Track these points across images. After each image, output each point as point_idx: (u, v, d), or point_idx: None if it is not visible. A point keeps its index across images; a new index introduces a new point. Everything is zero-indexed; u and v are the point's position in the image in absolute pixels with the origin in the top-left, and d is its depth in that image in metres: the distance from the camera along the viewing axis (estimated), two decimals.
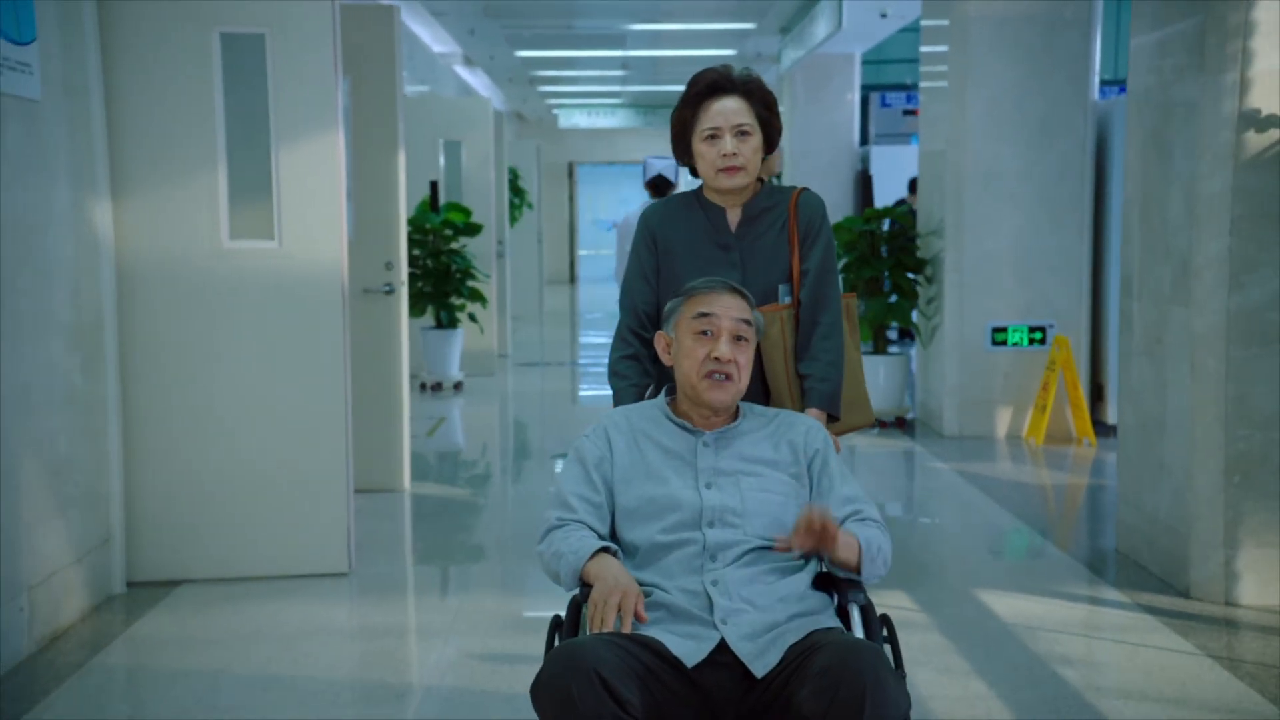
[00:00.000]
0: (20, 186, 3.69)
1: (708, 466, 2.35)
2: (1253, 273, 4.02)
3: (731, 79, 2.70)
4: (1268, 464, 4.06)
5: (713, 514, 2.29)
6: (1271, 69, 3.93)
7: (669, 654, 2.08)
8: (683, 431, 2.41)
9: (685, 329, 2.42)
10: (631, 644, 2.05)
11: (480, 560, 5.03)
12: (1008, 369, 7.22)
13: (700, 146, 2.70)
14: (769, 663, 2.09)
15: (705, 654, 2.09)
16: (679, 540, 2.27)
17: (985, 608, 4.17)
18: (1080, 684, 3.46)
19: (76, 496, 4.06)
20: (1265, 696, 3.33)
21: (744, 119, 2.67)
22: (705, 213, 2.76)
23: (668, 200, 2.84)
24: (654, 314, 2.74)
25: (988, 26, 7.08)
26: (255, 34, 4.38)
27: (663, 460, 2.37)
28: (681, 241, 2.73)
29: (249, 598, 4.28)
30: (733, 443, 2.39)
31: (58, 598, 3.90)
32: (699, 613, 2.16)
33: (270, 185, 4.43)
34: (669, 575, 2.24)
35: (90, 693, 3.51)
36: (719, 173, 2.68)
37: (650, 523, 2.30)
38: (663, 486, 2.33)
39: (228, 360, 4.43)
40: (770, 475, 2.36)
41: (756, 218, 2.74)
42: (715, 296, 2.41)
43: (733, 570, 2.23)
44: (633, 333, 2.76)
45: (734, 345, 2.38)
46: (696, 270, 2.64)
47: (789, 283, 2.73)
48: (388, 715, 3.38)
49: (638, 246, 2.80)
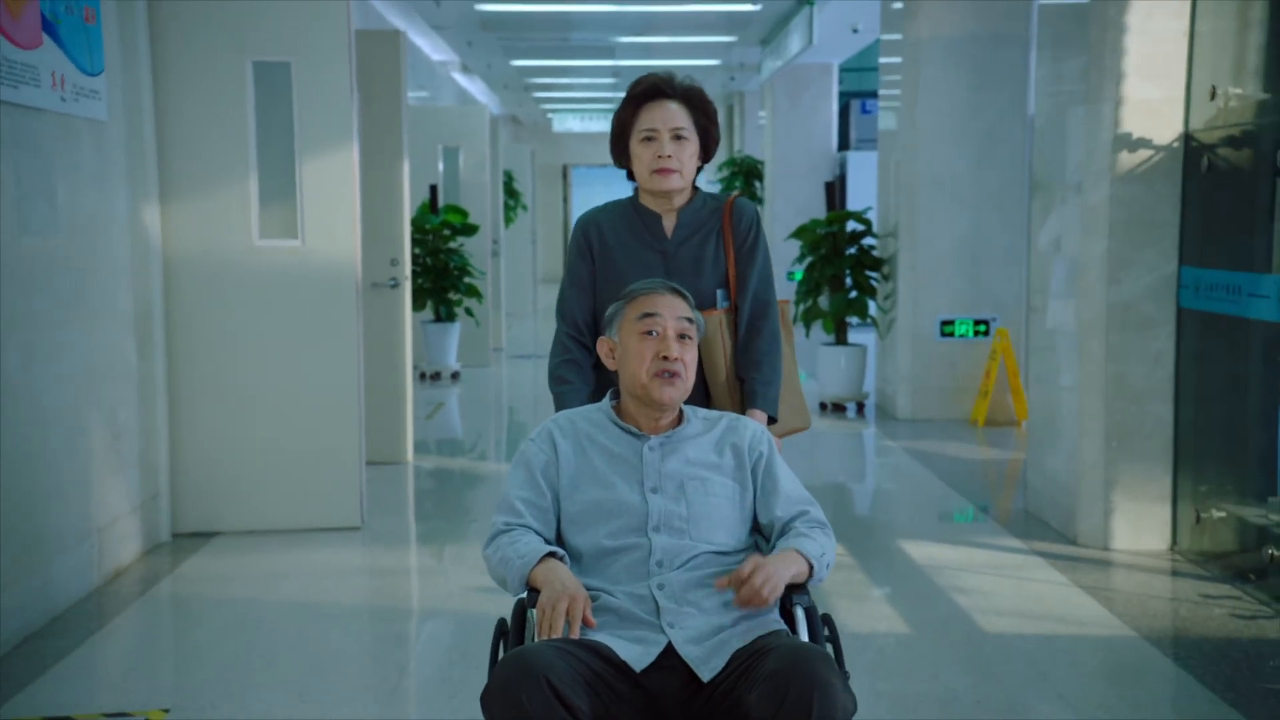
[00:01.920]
0: (91, 195, 4.41)
1: (653, 471, 2.35)
2: (1128, 270, 4.75)
3: (672, 84, 2.72)
4: (1140, 432, 4.79)
5: (659, 519, 2.29)
6: (1140, 100, 4.66)
7: (616, 658, 2.09)
8: (628, 436, 2.40)
9: (630, 330, 2.42)
10: (580, 650, 2.05)
11: (472, 519, 5.75)
12: (955, 358, 7.95)
13: (637, 148, 2.71)
14: (715, 666, 2.10)
15: (653, 658, 2.11)
16: (625, 545, 2.28)
17: (904, 553, 4.91)
18: (969, 606, 4.20)
19: (132, 458, 4.78)
20: (1113, 613, 4.08)
21: (682, 123, 2.69)
22: (641, 218, 2.78)
23: (604, 206, 2.85)
24: (591, 321, 2.76)
25: (937, 46, 7.80)
26: (282, 62, 5.10)
27: (608, 465, 2.36)
28: (618, 246, 2.75)
29: (276, 546, 5.01)
30: (678, 447, 2.39)
31: (118, 541, 4.62)
32: (646, 616, 2.18)
33: (294, 191, 5.15)
34: (615, 580, 2.26)
35: (149, 615, 4.24)
36: (653, 174, 2.69)
37: (596, 527, 2.31)
38: (608, 491, 2.32)
39: (258, 344, 5.15)
40: (715, 480, 2.36)
41: (691, 224, 2.76)
42: (658, 297, 2.43)
43: (679, 575, 2.24)
44: (571, 339, 2.76)
45: (679, 344, 2.39)
46: (634, 275, 2.66)
47: (725, 288, 2.75)
48: (397, 631, 4.12)
49: (573, 252, 2.81)
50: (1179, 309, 4.73)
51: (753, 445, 2.42)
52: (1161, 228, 4.71)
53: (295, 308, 5.17)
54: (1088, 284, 4.86)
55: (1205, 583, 4.41)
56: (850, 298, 8.28)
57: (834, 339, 8.41)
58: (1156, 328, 4.75)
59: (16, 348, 3.84)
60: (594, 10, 10.86)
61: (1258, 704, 3.34)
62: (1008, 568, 4.70)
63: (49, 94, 4.00)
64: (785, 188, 13.90)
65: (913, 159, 7.88)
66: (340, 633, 4.08)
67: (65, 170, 4.19)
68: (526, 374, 10.72)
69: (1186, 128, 4.65)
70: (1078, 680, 3.59)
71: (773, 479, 2.39)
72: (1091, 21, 4.76)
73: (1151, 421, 4.79)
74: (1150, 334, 4.76)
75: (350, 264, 5.22)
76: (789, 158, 14.07)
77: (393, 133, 6.45)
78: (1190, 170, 4.65)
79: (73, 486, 4.25)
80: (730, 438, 2.42)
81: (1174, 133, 4.66)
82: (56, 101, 4.06)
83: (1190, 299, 4.65)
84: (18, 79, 3.79)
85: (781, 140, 14.11)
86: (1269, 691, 3.45)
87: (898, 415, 8.02)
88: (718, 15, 11.39)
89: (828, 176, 13.96)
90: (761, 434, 2.45)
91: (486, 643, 3.95)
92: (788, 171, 13.95)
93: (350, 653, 3.95)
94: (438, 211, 9.86)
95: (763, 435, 2.45)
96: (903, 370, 8.02)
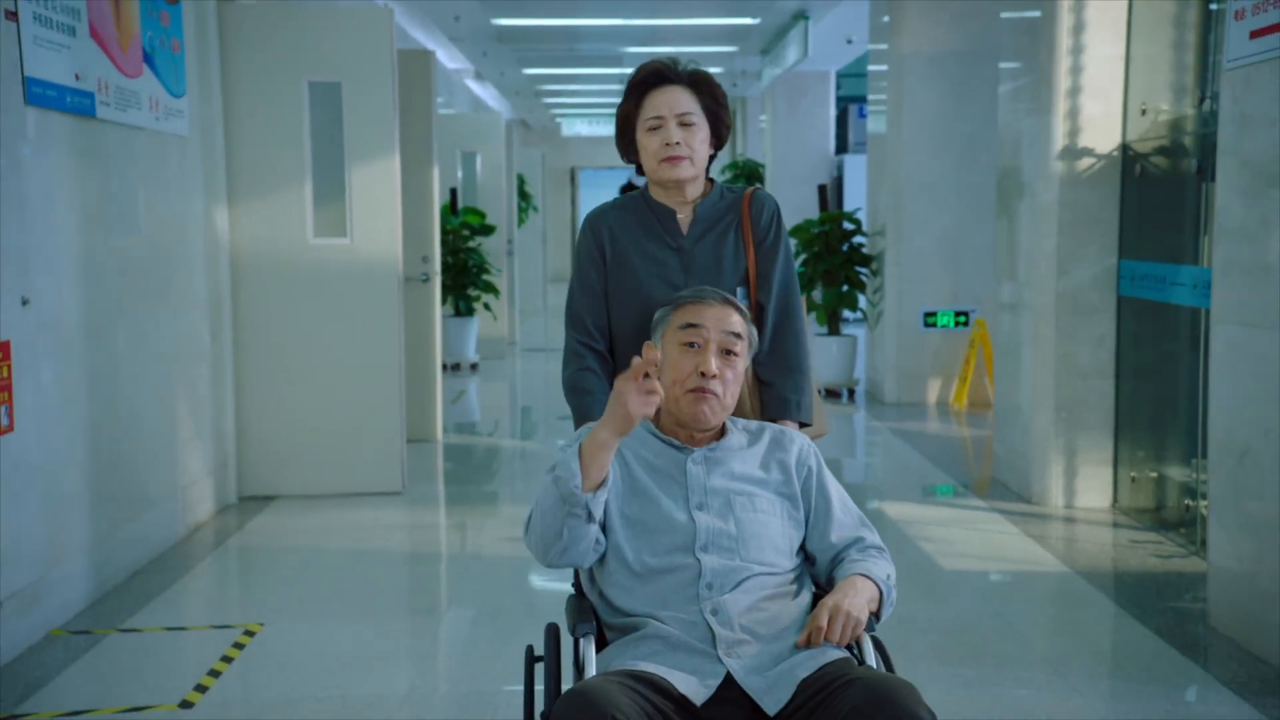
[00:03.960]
0: (175, 200, 5.12)
1: (699, 486, 2.22)
2: (1075, 263, 5.44)
3: (675, 69, 2.56)
4: (1085, 405, 5.48)
5: (707, 538, 2.16)
6: (1084, 115, 5.34)
7: (675, 692, 1.97)
8: (670, 448, 2.27)
9: (671, 339, 2.27)
10: (639, 684, 1.95)
11: (495, 485, 6.45)
12: (937, 346, 8.64)
13: (643, 138, 2.54)
14: (781, 698, 1.98)
15: (713, 691, 1.99)
16: (671, 565, 2.15)
17: (883, 512, 5.60)
18: (932, 550, 4.90)
19: (206, 429, 5.49)
20: (1054, 555, 4.77)
21: (689, 108, 2.52)
22: (655, 215, 2.59)
23: (614, 202, 2.66)
24: (605, 326, 2.60)
25: (920, 60, 8.49)
26: (334, 82, 5.80)
27: (651, 478, 2.23)
28: (631, 245, 2.58)
29: (329, 507, 5.71)
30: (723, 461, 2.26)
31: (196, 500, 5.32)
32: (700, 645, 2.06)
33: (344, 195, 5.85)
34: (663, 602, 2.12)
35: (229, 559, 4.95)
36: (662, 163, 2.51)
37: (639, 543, 2.18)
38: (653, 506, 2.20)
39: (312, 330, 5.85)
40: (762, 496, 2.24)
41: (709, 219, 2.58)
42: (704, 307, 2.28)
43: (731, 598, 2.11)
44: (584, 346, 2.59)
45: (722, 359, 2.25)
46: (648, 276, 2.54)
47: (746, 286, 2.58)
48: (434, 571, 4.84)
49: (582, 254, 2.62)
50: (1119, 297, 5.41)
51: (801, 461, 2.30)
52: (1103, 226, 5.40)
53: (344, 299, 5.87)
54: (1040, 276, 5.55)
55: (1136, 532, 5.11)
56: (842, 292, 8.97)
57: (827, 330, 9.09)
58: (1099, 314, 5.44)
59: (125, 330, 4.55)
60: (603, 24, 11.56)
61: (1159, 617, 4.03)
62: (969, 522, 5.39)
63: (147, 115, 4.71)
64: (784, 189, 14.58)
65: (898, 163, 8.57)
66: (388, 572, 4.79)
67: (157, 179, 4.89)
68: (539, 366, 11.42)
69: (1124, 138, 5.34)
70: (1016, 604, 4.29)
71: (825, 499, 2.29)
72: (1041, 45, 5.45)
73: (1095, 396, 5.47)
74: (1094, 319, 5.45)
75: (393, 260, 5.92)
76: (788, 160, 14.77)
77: (423, 142, 7.15)
78: (1127, 176, 5.33)
79: (163, 450, 4.96)
80: (776, 453, 2.30)
81: (1113, 143, 5.35)
82: (152, 121, 4.77)
83: (1128, 288, 5.34)
84: (126, 103, 4.49)
85: (781, 144, 14.81)
86: (1169, 608, 4.14)
87: (885, 399, 8.71)
88: (720, 28, 12.09)
89: (825, 179, 14.65)
90: (809, 448, 2.34)
91: (507, 582, 4.71)
92: (787, 174, 14.64)
93: (397, 587, 4.67)
94: (457, 213, 10.56)
95: (810, 450, 2.33)
96: (890, 358, 8.71)
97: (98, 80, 4.26)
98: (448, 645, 3.98)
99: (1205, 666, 3.61)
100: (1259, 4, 3.54)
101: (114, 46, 4.40)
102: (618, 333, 2.59)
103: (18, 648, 3.71)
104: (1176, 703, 3.38)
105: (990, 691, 3.44)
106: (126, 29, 4.52)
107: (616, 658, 2.08)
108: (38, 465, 3.83)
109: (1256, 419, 3.64)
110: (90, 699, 3.42)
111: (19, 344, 3.69)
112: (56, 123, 4.00)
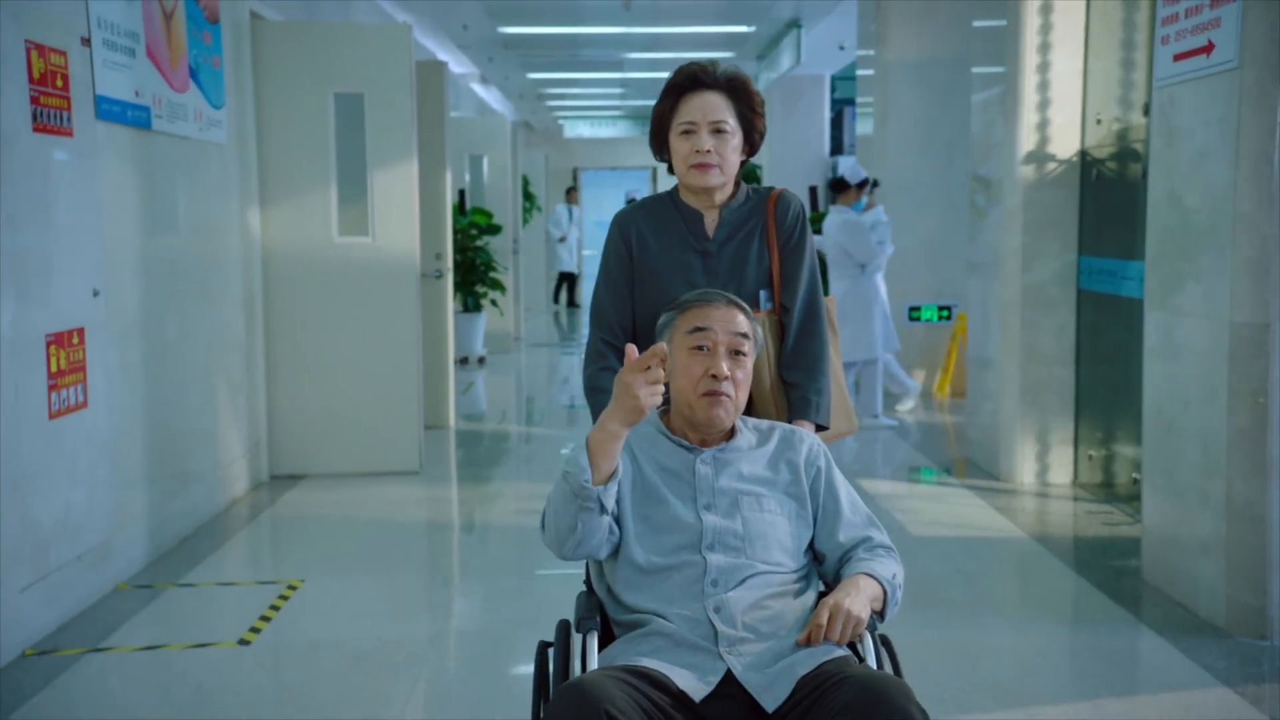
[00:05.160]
0: (215, 203, 5.62)
1: (707, 487, 2.25)
2: (1037, 260, 5.93)
3: (713, 73, 2.57)
4: (1048, 390, 5.97)
5: (713, 536, 2.19)
6: (1047, 122, 5.83)
7: (674, 687, 1.99)
8: (680, 449, 2.30)
9: (680, 344, 2.30)
10: (637, 679, 1.97)
11: (503, 467, 6.95)
12: (922, 338, 9.13)
13: (675, 142, 2.57)
14: (779, 695, 2.00)
15: (712, 687, 2.01)
16: (678, 563, 2.18)
17: (862, 488, 6.06)
18: (904, 520, 5.39)
19: (242, 412, 5.98)
20: (1015, 525, 5.27)
21: (723, 116, 2.54)
22: (681, 216, 2.62)
23: (643, 202, 2.69)
24: (629, 326, 2.63)
25: (904, 67, 8.98)
26: (357, 93, 6.30)
27: (661, 479, 2.26)
28: (657, 246, 2.60)
29: (353, 484, 6.20)
30: (731, 461, 2.28)
31: (233, 477, 5.82)
32: (702, 642, 2.08)
33: (366, 197, 6.35)
34: (668, 599, 2.15)
35: (266, 527, 5.45)
36: (691, 169, 2.55)
37: (647, 542, 2.21)
38: (662, 506, 2.23)
39: (338, 322, 6.35)
40: (770, 496, 2.26)
41: (735, 222, 2.61)
42: (710, 309, 2.30)
43: (734, 595, 2.13)
44: (607, 344, 2.62)
45: (731, 360, 2.28)
46: (672, 278, 2.56)
47: (770, 288, 2.60)
48: (449, 538, 5.35)
49: (609, 253, 2.66)
50: (1078, 290, 5.90)
51: (809, 460, 2.32)
52: (1064, 225, 5.89)
53: (367, 293, 6.37)
54: (1007, 271, 6.04)
55: (1090, 504, 5.60)
56: None
57: None
58: (1060, 306, 5.93)
59: (174, 321, 5.05)
60: (605, 31, 12.06)
61: (1099, 573, 4.53)
62: (941, 497, 5.89)
63: (193, 125, 5.21)
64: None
65: (884, 165, 9.06)
66: (409, 538, 5.29)
67: (199, 183, 5.39)
68: (543, 360, 11.91)
69: (1083, 145, 5.83)
70: (974, 563, 4.79)
71: (834, 498, 2.30)
72: (1007, 59, 5.94)
73: (1057, 382, 5.97)
74: (1055, 311, 5.94)
75: (411, 257, 6.42)
76: (784, 162, 15.26)
77: (436, 147, 7.65)
78: (1085, 180, 5.83)
79: (205, 430, 5.45)
80: (785, 453, 2.32)
81: (1072, 149, 5.84)
82: (196, 131, 5.27)
83: (1086, 282, 5.83)
84: (175, 115, 4.99)
85: (778, 145, 15.30)
86: (1109, 566, 4.64)
87: None
88: (717, 35, 12.59)
89: (819, 180, 15.14)
90: (818, 448, 2.35)
91: (514, 546, 5.20)
92: (783, 175, 15.12)
93: (418, 550, 5.19)
94: (465, 213, 11.06)
95: (819, 449, 2.35)
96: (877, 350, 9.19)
97: (153, 96, 4.76)
98: (462, 598, 4.49)
99: (1134, 612, 4.11)
100: (1181, 31, 4.03)
101: (166, 65, 4.89)
102: (642, 332, 2.60)
103: (93, 597, 4.22)
104: (1102, 639, 3.87)
105: (944, 632, 3.93)
106: (176, 49, 5.02)
107: (620, 653, 2.10)
108: (106, 440, 4.33)
109: (1179, 395, 4.14)
110: (161, 637, 3.92)
111: (91, 330, 4.19)
112: (119, 135, 4.49)
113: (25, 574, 3.77)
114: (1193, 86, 3.99)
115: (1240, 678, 3.48)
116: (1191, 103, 4.00)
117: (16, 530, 3.71)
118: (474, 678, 3.64)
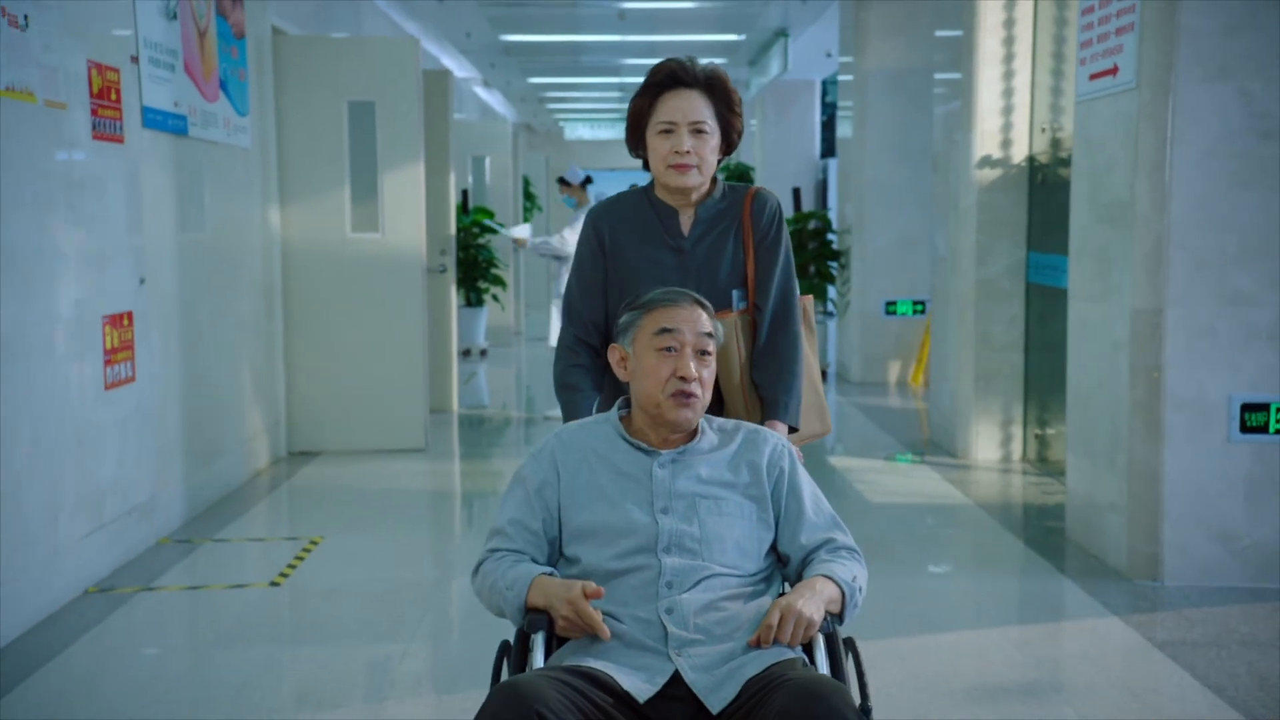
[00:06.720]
0: (240, 202, 6.19)
1: (664, 490, 2.21)
2: (990, 255, 6.50)
3: (693, 72, 2.55)
4: (999, 376, 6.54)
5: (669, 539, 2.16)
6: (997, 131, 6.40)
7: (619, 688, 1.97)
8: (638, 452, 2.26)
9: (645, 345, 2.27)
10: (579, 680, 1.95)
11: (502, 446, 7.53)
12: (897, 332, 9.69)
13: (653, 140, 2.55)
14: (726, 696, 1.98)
15: (658, 688, 1.99)
16: (633, 566, 2.15)
17: (828, 463, 6.66)
18: (864, 490, 5.96)
19: (263, 392, 6.56)
20: (963, 494, 5.85)
21: (702, 116, 2.52)
22: (656, 213, 2.60)
23: (618, 198, 2.68)
24: (601, 322, 2.61)
25: (880, 76, 9.54)
26: (368, 101, 6.87)
27: (616, 483, 2.23)
28: (631, 242, 2.59)
29: (365, 459, 6.78)
30: (691, 464, 2.24)
31: (256, 452, 6.40)
32: (652, 643, 2.06)
33: (377, 196, 6.92)
34: (623, 602, 2.12)
35: (288, 496, 6.03)
36: (669, 169, 2.52)
37: (602, 548, 2.18)
38: (616, 511, 2.20)
39: (350, 312, 6.92)
40: (729, 498, 2.22)
41: (710, 220, 2.60)
42: (676, 310, 2.27)
43: (688, 597, 2.10)
44: (580, 342, 2.62)
45: (698, 360, 2.25)
46: (646, 275, 2.54)
47: (743, 287, 2.58)
48: (452, 505, 5.94)
49: (583, 248, 2.62)
50: (1027, 283, 6.47)
51: (772, 462, 2.28)
52: (1014, 224, 6.46)
53: (377, 285, 6.94)
54: (962, 266, 6.61)
55: (1033, 477, 6.18)
56: (814, 284, 10.03)
57: None
58: (1011, 298, 6.50)
59: (207, 310, 5.62)
60: (603, 40, 12.64)
61: (1029, 532, 5.13)
62: (902, 472, 6.46)
63: (222, 131, 5.78)
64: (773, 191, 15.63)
65: (861, 168, 9.63)
66: (416, 505, 5.88)
67: (227, 185, 5.96)
68: (542, 354, 12.46)
69: (1030, 151, 6.39)
70: (921, 525, 5.36)
71: (797, 500, 2.26)
72: (963, 71, 6.51)
73: (1008, 367, 6.53)
74: (1007, 303, 6.51)
75: (418, 253, 6.99)
76: (776, 164, 15.83)
77: (441, 149, 8.23)
78: (1033, 183, 6.39)
79: (232, 407, 6.03)
80: (748, 454, 2.28)
81: (1022, 155, 6.41)
82: (225, 136, 5.84)
83: (1034, 275, 6.40)
84: (208, 123, 5.57)
85: (769, 148, 15.87)
86: (1039, 526, 5.23)
87: (852, 379, 9.77)
88: (709, 43, 13.16)
89: (810, 182, 15.71)
90: (782, 448, 2.31)
91: None
92: (775, 176, 15.69)
93: (424, 513, 5.79)
94: (468, 212, 11.63)
95: (783, 450, 2.31)
96: (855, 342, 9.77)
97: (189, 106, 5.33)
98: (463, 552, 5.05)
99: (1055, 563, 4.68)
100: (1094, 54, 4.59)
101: (200, 77, 5.47)
102: (614, 328, 2.55)
103: (140, 547, 4.80)
104: (1021, 584, 4.45)
105: (887, 581, 4.48)
106: (209, 63, 5.59)
107: (570, 654, 2.08)
108: (151, 411, 4.91)
109: (1094, 373, 4.70)
110: (203, 579, 4.51)
111: (138, 314, 4.76)
112: (161, 141, 5.07)
113: (86, 522, 4.34)
114: (1104, 103, 4.55)
115: (1129, 609, 4.06)
116: (1103, 117, 4.57)
117: (79, 484, 4.28)
118: (473, 613, 4.21)
